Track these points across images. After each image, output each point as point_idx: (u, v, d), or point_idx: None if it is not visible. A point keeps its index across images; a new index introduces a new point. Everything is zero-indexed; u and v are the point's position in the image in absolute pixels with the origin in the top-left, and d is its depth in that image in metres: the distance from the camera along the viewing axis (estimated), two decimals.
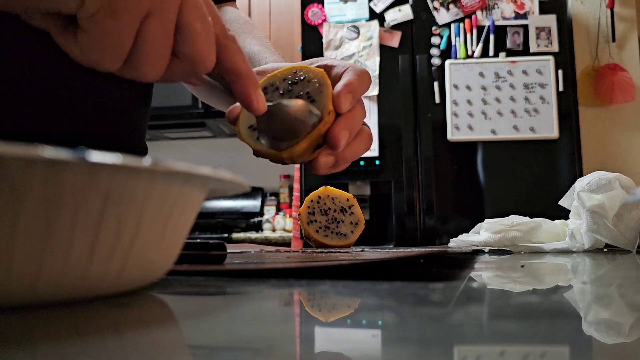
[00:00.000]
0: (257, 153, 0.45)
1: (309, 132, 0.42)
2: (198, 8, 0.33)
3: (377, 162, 1.99)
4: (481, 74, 1.98)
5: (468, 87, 1.98)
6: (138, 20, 0.30)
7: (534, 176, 1.92)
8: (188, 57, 0.33)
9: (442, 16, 2.05)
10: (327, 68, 0.47)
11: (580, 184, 0.74)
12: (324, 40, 2.09)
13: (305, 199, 0.81)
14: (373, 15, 2.08)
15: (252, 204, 2.80)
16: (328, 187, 0.82)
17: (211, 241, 0.44)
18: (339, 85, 0.44)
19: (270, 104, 0.41)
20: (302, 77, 0.45)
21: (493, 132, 1.95)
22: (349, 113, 0.44)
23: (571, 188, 0.76)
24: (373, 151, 1.99)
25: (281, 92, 0.45)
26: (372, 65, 2.04)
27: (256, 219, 2.74)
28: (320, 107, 0.43)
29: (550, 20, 2.00)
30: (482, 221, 0.79)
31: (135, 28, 0.31)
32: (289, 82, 0.45)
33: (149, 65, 0.32)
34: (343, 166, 0.47)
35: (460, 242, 0.79)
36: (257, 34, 0.65)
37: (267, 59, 0.57)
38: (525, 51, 1.99)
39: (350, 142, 0.45)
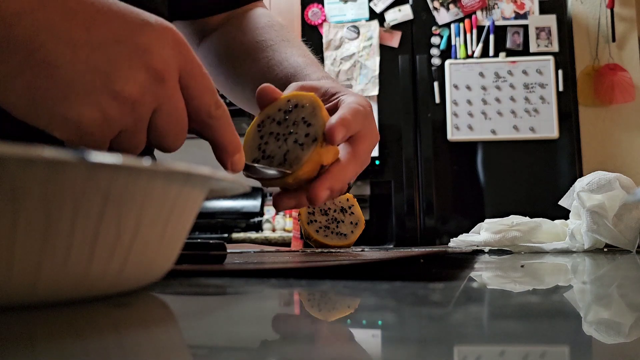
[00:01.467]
0: (265, 184, 0.47)
1: (309, 154, 0.45)
2: (172, 114, 0.35)
3: (377, 162, 1.99)
4: (481, 74, 1.98)
5: (468, 87, 1.98)
6: (108, 141, 0.34)
7: (534, 176, 1.92)
8: (156, 145, 0.37)
9: (442, 16, 2.05)
10: (314, 90, 0.50)
11: (580, 184, 0.74)
12: (324, 40, 2.09)
13: None
14: (373, 15, 2.08)
15: (252, 204, 2.80)
16: None
17: (211, 241, 0.44)
18: (333, 118, 0.46)
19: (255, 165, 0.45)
20: (295, 105, 0.47)
21: (493, 132, 1.95)
22: (339, 168, 0.47)
23: (571, 188, 0.76)
24: (373, 151, 2.00)
25: (278, 121, 0.47)
26: (372, 65, 2.04)
27: (256, 219, 2.74)
28: (315, 128, 0.45)
29: (550, 20, 2.00)
30: (482, 221, 0.79)
31: (107, 146, 0.34)
32: (284, 111, 0.48)
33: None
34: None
35: (460, 242, 0.79)
36: (297, 42, 0.64)
37: (310, 75, 0.58)
38: (525, 51, 1.99)
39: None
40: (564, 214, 0.80)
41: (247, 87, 0.63)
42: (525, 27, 2.00)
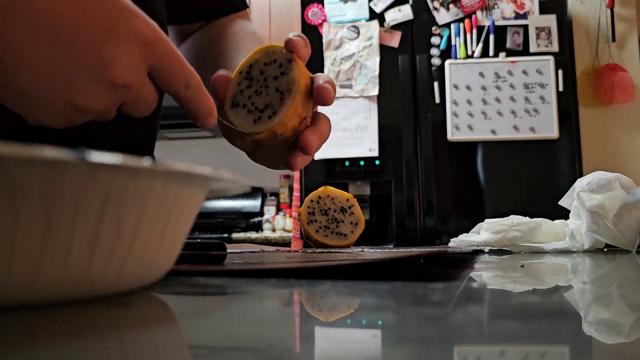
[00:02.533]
0: (250, 136, 0.48)
1: (291, 102, 0.46)
2: (140, 101, 0.37)
3: (377, 162, 1.99)
4: (481, 74, 1.98)
5: (468, 87, 1.98)
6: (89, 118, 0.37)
7: (534, 176, 1.92)
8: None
9: (442, 16, 2.05)
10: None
11: (580, 184, 0.74)
12: (324, 40, 2.09)
13: (305, 199, 0.81)
14: (373, 15, 2.08)
15: (252, 204, 2.80)
16: (328, 187, 0.82)
17: (211, 241, 0.44)
18: (318, 80, 0.48)
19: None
20: (274, 60, 0.49)
21: (493, 132, 1.95)
22: (320, 123, 0.49)
23: (571, 188, 0.76)
24: (373, 151, 2.00)
25: (260, 71, 0.49)
26: (372, 65, 2.04)
27: (256, 219, 2.74)
28: (293, 76, 0.47)
29: (550, 20, 2.00)
30: (482, 221, 0.79)
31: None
32: (263, 63, 0.49)
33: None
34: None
35: (460, 242, 0.79)
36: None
37: None
38: (525, 51, 1.99)
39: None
40: (564, 214, 0.80)
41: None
42: (525, 27, 2.00)
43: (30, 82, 0.33)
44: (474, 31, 2.02)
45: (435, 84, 2.00)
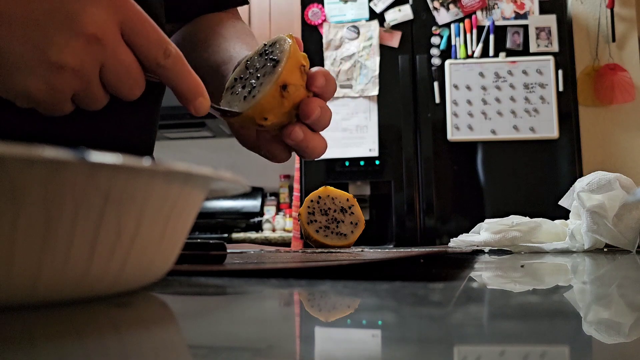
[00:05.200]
0: (234, 121, 0.46)
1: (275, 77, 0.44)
2: (120, 69, 0.37)
3: (377, 162, 1.99)
4: (481, 74, 1.98)
5: (468, 87, 1.98)
6: (66, 103, 0.37)
7: (534, 176, 1.92)
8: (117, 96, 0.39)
9: (442, 16, 2.05)
10: None
11: (580, 184, 0.74)
12: (324, 40, 2.09)
13: (305, 199, 0.81)
14: (373, 15, 2.08)
15: (252, 204, 2.80)
16: (328, 187, 0.82)
17: (211, 241, 0.44)
18: (314, 68, 0.47)
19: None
20: (271, 49, 0.47)
21: (493, 132, 1.95)
22: (322, 96, 0.47)
23: (571, 188, 0.76)
24: (373, 151, 2.00)
25: (257, 65, 0.48)
26: (372, 65, 2.04)
27: (256, 219, 2.74)
28: (281, 58, 0.45)
29: (550, 20, 2.00)
30: (482, 221, 0.79)
31: (68, 105, 0.38)
32: (259, 53, 0.49)
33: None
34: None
35: (460, 242, 0.79)
36: (252, 43, 0.64)
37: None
38: (525, 51, 1.99)
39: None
40: (564, 214, 0.80)
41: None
42: (525, 27, 2.00)
43: (6, 36, 0.34)
44: (474, 31, 2.02)
45: (435, 84, 2.00)
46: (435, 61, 2.02)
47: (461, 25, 2.03)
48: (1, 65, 0.34)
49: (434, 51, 2.03)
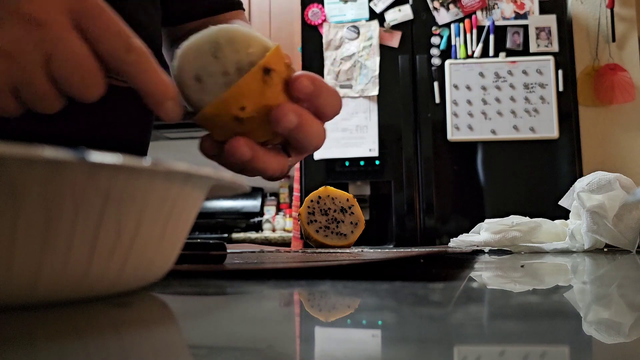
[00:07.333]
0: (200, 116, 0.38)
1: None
2: (68, 60, 0.32)
3: (377, 162, 1.99)
4: (481, 74, 1.98)
5: (468, 87, 1.98)
6: (7, 89, 0.32)
7: (534, 176, 1.92)
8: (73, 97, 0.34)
9: (442, 16, 2.05)
10: None
11: (580, 184, 0.74)
12: (324, 40, 2.09)
13: (305, 199, 0.81)
14: (373, 15, 2.08)
15: (252, 204, 2.80)
16: (328, 187, 0.82)
17: (211, 241, 0.44)
18: (298, 72, 0.39)
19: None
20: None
21: (493, 132, 1.95)
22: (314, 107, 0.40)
23: (571, 188, 0.76)
24: (373, 151, 2.00)
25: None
26: (372, 65, 2.04)
27: (256, 219, 2.74)
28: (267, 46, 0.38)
29: (550, 20, 2.00)
30: (482, 221, 0.79)
31: (8, 99, 0.32)
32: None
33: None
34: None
35: (460, 242, 0.79)
36: None
37: None
38: (525, 51, 1.99)
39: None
40: (564, 214, 0.80)
41: None
42: (525, 27, 2.00)
43: None
44: (474, 31, 2.02)
45: (435, 84, 2.00)
46: (435, 61, 2.02)
47: (461, 25, 2.03)
48: None
49: (434, 51, 2.03)
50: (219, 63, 0.37)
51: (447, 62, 2.00)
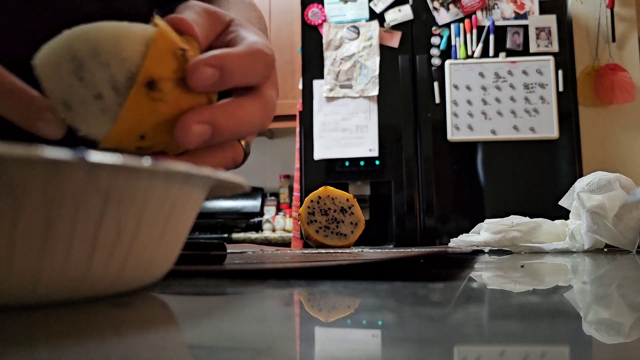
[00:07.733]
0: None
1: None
2: None
3: (377, 162, 1.99)
4: (481, 74, 1.98)
5: (468, 87, 1.98)
6: None
7: (534, 176, 1.92)
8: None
9: (442, 16, 2.05)
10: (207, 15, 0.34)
11: (580, 184, 0.74)
12: (324, 41, 2.09)
13: (305, 199, 0.81)
14: (373, 15, 2.08)
15: (252, 204, 2.80)
16: (328, 187, 0.82)
17: (211, 241, 0.44)
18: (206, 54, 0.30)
19: None
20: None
21: (493, 132, 1.95)
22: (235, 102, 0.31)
23: (571, 188, 0.76)
24: (373, 151, 2.00)
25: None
26: (372, 65, 2.04)
27: (256, 219, 2.74)
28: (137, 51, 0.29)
29: (550, 21, 2.00)
30: (482, 221, 0.79)
31: None
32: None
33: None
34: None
35: (460, 242, 0.79)
36: (254, 20, 0.56)
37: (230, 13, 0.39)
38: (525, 51, 1.99)
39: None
40: (564, 214, 0.80)
41: None
42: (525, 27, 2.00)
43: None
44: (474, 31, 2.02)
45: (435, 84, 2.00)
46: (435, 61, 2.02)
47: (461, 25, 2.03)
48: None
49: (434, 51, 2.03)
50: (87, 87, 0.28)
51: (447, 62, 2.00)
